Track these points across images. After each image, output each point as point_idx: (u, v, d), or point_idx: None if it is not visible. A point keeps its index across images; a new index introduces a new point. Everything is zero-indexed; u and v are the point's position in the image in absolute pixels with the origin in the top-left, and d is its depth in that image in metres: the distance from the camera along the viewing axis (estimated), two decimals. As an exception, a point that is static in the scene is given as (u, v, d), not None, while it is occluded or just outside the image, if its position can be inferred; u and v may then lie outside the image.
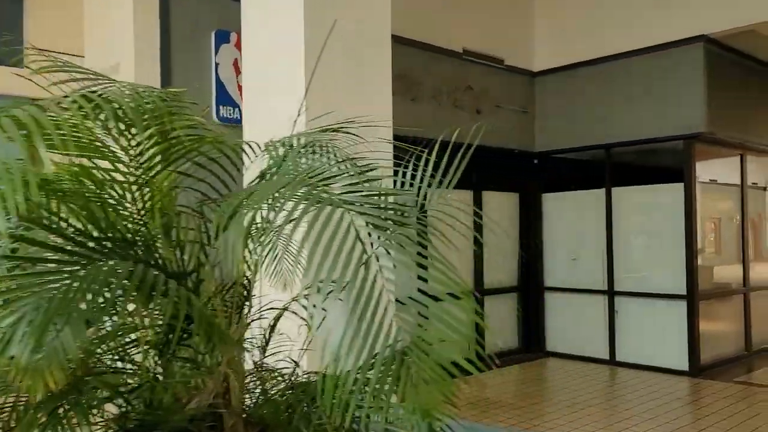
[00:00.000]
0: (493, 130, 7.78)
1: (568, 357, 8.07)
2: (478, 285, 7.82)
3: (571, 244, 8.24)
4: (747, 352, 7.97)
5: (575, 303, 8.16)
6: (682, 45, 6.99)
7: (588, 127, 7.83)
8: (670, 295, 7.24)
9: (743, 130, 7.67)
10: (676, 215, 7.23)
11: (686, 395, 6.23)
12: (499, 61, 7.91)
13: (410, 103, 6.89)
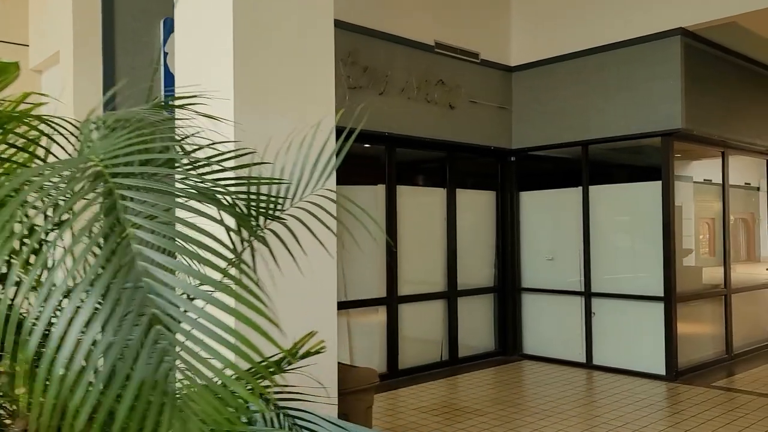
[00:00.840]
0: (468, 126, 7.57)
1: (544, 360, 7.84)
2: (451, 285, 7.58)
3: (548, 243, 8.01)
4: (728, 355, 7.75)
5: (552, 304, 7.94)
6: (659, 38, 6.77)
7: (565, 124, 7.61)
8: (648, 296, 7.01)
9: (724, 127, 7.45)
10: (654, 214, 7.00)
11: (660, 400, 6.00)
12: (474, 55, 7.67)
13: (378, 98, 6.65)
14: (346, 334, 6.67)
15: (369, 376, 3.91)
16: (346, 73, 6.34)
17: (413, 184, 7.44)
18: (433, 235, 7.56)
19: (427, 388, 6.56)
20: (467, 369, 7.47)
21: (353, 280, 6.73)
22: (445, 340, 7.60)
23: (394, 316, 6.97)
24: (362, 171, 7.33)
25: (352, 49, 6.38)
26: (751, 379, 6.89)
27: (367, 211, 1.60)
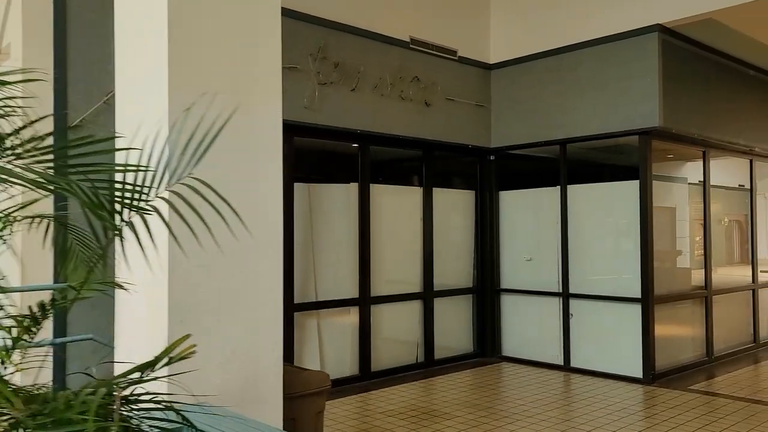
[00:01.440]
0: (444, 124, 7.44)
1: (523, 362, 7.71)
2: (427, 286, 7.45)
3: (527, 243, 7.88)
4: (708, 358, 7.63)
5: (530, 306, 7.81)
6: (636, 35, 6.64)
7: (543, 122, 7.48)
8: (625, 298, 6.88)
9: (704, 126, 7.32)
10: (633, 214, 6.88)
11: (634, 404, 5.87)
12: (452, 52, 7.54)
13: (350, 94, 6.52)
14: (316, 336, 6.53)
15: (319, 380, 3.78)
16: (316, 69, 6.21)
17: (388, 183, 7.31)
18: (409, 235, 7.43)
19: (399, 391, 6.42)
20: (444, 371, 7.33)
21: (324, 281, 6.60)
22: (421, 341, 7.47)
23: (367, 317, 6.83)
24: (334, 169, 7.20)
25: (322, 44, 6.25)
26: (730, 382, 6.76)
27: (226, 200, 1.47)
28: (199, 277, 3.10)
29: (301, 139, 6.35)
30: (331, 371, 6.56)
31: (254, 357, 3.34)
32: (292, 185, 6.22)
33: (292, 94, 6.04)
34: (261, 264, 3.40)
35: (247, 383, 3.31)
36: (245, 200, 3.29)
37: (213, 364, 3.17)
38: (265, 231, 3.43)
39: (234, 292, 3.25)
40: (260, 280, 3.39)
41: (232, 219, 1.66)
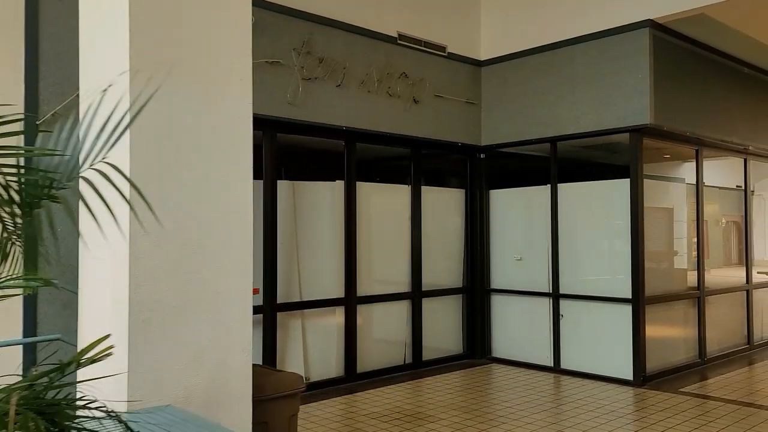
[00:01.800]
0: (433, 122, 7.33)
1: (513, 363, 7.59)
2: (415, 286, 7.33)
3: (518, 243, 7.76)
4: (701, 360, 7.51)
5: (521, 306, 7.69)
6: (627, 31, 6.52)
7: (534, 120, 7.36)
8: (616, 298, 6.76)
9: (697, 124, 7.21)
10: (624, 213, 6.75)
11: (623, 406, 5.75)
12: (440, 48, 7.42)
13: (336, 90, 6.39)
14: (300, 337, 6.41)
15: (293, 382, 3.65)
16: (300, 64, 6.08)
17: (375, 181, 7.18)
18: (397, 234, 7.30)
19: (385, 393, 6.30)
20: (432, 372, 7.21)
21: (309, 280, 6.47)
22: (409, 342, 7.34)
23: (353, 318, 6.71)
24: (320, 166, 7.08)
25: (306, 38, 6.13)
26: (721, 384, 6.65)
27: (139, 190, 1.34)
28: (163, 275, 2.98)
29: (285, 136, 6.23)
30: (315, 372, 6.46)
31: (222, 358, 3.22)
32: (275, 183, 6.09)
33: (274, 89, 5.93)
34: (230, 262, 3.28)
35: (214, 385, 3.19)
36: (210, 195, 3.17)
37: (178, 365, 3.05)
38: (234, 228, 3.31)
39: (200, 291, 3.13)
40: (229, 279, 3.27)
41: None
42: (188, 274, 3.08)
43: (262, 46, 5.82)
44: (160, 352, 2.98)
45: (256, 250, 5.94)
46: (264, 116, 5.86)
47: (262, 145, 6.03)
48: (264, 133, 6.01)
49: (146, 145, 2.94)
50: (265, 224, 6.00)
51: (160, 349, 2.98)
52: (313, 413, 5.57)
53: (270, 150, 6.04)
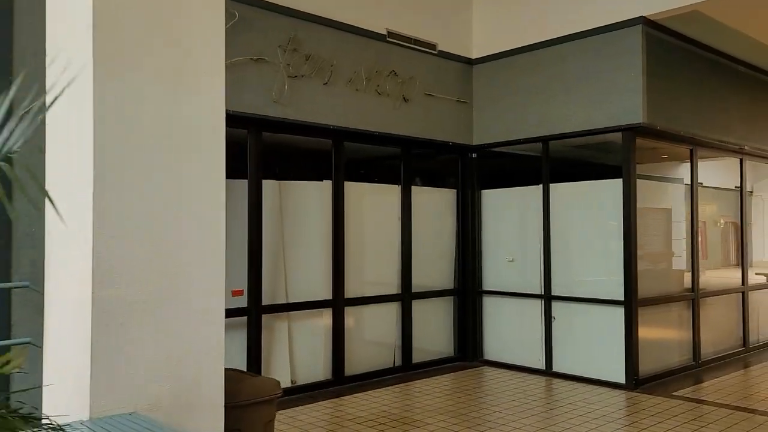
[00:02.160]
0: (424, 121, 7.22)
1: (504, 366, 7.48)
2: (405, 287, 7.21)
3: (510, 244, 7.65)
4: (695, 363, 7.39)
5: (512, 308, 7.57)
6: (620, 28, 6.42)
7: (526, 119, 7.25)
8: (609, 300, 6.65)
9: (691, 123, 7.10)
10: (618, 214, 6.64)
11: (614, 411, 5.63)
12: (431, 46, 7.31)
13: (323, 88, 6.28)
14: (286, 339, 6.29)
15: (269, 387, 3.54)
16: (286, 61, 5.97)
17: (364, 181, 7.07)
18: (387, 235, 7.19)
19: (373, 396, 6.18)
20: (422, 375, 7.09)
21: (295, 282, 6.36)
22: (399, 344, 7.23)
23: (341, 320, 6.59)
24: (307, 166, 6.97)
25: (292, 35, 6.01)
26: (715, 388, 6.53)
27: (45, 191, 1.23)
28: (130, 277, 2.87)
29: (271, 135, 6.12)
30: (302, 376, 6.35)
31: (192, 363, 3.10)
32: (260, 182, 5.98)
33: (260, 86, 5.82)
34: (202, 265, 3.16)
35: (183, 391, 3.07)
36: (180, 194, 3.05)
37: (145, 370, 2.93)
38: (206, 229, 3.20)
39: (170, 294, 3.01)
40: (201, 281, 3.16)
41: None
42: (157, 276, 2.97)
43: (246, 43, 5.72)
44: (126, 356, 2.86)
45: (241, 250, 5.86)
46: (249, 114, 5.76)
47: (247, 144, 5.92)
48: (249, 131, 5.90)
49: (111, 141, 2.82)
50: (250, 224, 5.89)
51: (126, 354, 2.86)
52: (297, 417, 5.45)
53: (255, 149, 5.93)
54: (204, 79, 3.22)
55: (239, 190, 5.89)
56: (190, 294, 3.08)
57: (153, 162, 2.96)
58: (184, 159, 3.09)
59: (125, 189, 2.84)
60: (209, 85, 3.24)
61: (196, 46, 3.17)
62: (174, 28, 3.05)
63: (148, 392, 2.94)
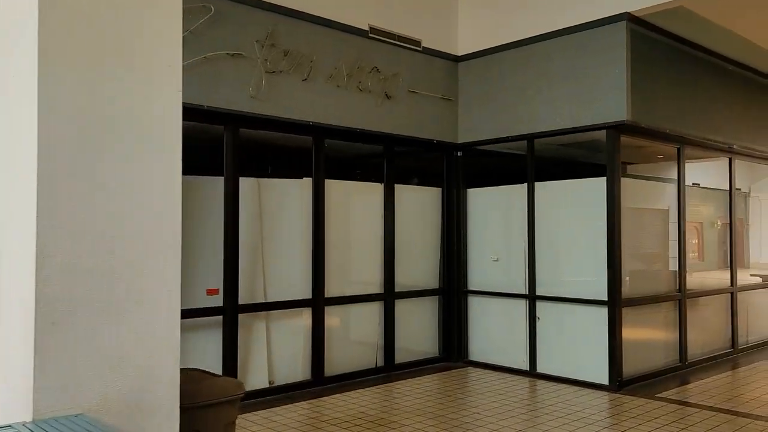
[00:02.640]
0: (407, 118, 7.13)
1: (489, 367, 7.39)
2: (388, 287, 7.12)
3: (495, 243, 7.56)
4: (681, 364, 7.30)
5: (497, 308, 7.48)
6: (604, 24, 6.32)
7: (511, 117, 7.16)
8: (592, 300, 6.55)
9: (678, 121, 7.00)
10: (602, 213, 6.54)
11: (595, 413, 5.53)
12: (415, 43, 7.22)
13: (302, 84, 6.19)
14: (264, 339, 6.19)
15: (230, 388, 3.44)
16: (264, 57, 5.87)
17: (346, 178, 6.97)
18: (369, 234, 7.10)
19: (352, 397, 6.09)
20: (405, 376, 7.00)
21: (274, 281, 6.26)
22: (381, 345, 7.13)
23: (321, 319, 6.50)
24: (287, 163, 6.88)
25: (270, 30, 5.92)
26: (701, 389, 6.44)
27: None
28: (76, 275, 2.77)
29: (250, 132, 6.02)
30: (280, 376, 6.26)
31: (145, 363, 3.00)
32: (237, 179, 5.88)
33: (236, 82, 5.73)
34: (156, 262, 3.06)
35: (135, 392, 2.98)
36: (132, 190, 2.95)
37: (93, 371, 2.84)
38: (161, 226, 3.10)
39: (121, 291, 2.92)
40: (155, 279, 3.06)
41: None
42: (107, 274, 2.87)
43: (222, 38, 5.62)
44: (72, 356, 2.77)
45: (216, 248, 5.76)
46: (225, 110, 5.67)
47: (223, 140, 5.82)
48: (226, 127, 5.81)
49: (57, 135, 2.73)
50: (226, 222, 5.79)
51: (72, 353, 2.77)
52: (271, 418, 5.36)
53: (232, 145, 5.83)
54: (160, 70, 3.12)
55: (215, 188, 5.80)
56: (143, 290, 2.99)
57: (103, 156, 2.87)
58: (138, 155, 2.99)
59: (71, 184, 2.75)
60: (165, 76, 3.14)
61: (152, 36, 3.07)
62: (127, 18, 2.96)
63: (96, 393, 2.85)
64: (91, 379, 2.84)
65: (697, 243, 8.37)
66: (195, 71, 5.45)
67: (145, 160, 3.02)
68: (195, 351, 5.69)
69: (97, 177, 2.83)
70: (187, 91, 5.35)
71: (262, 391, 6.05)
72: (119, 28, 2.93)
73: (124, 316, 2.91)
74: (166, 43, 3.13)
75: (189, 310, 5.60)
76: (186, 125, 5.86)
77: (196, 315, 5.64)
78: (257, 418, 5.37)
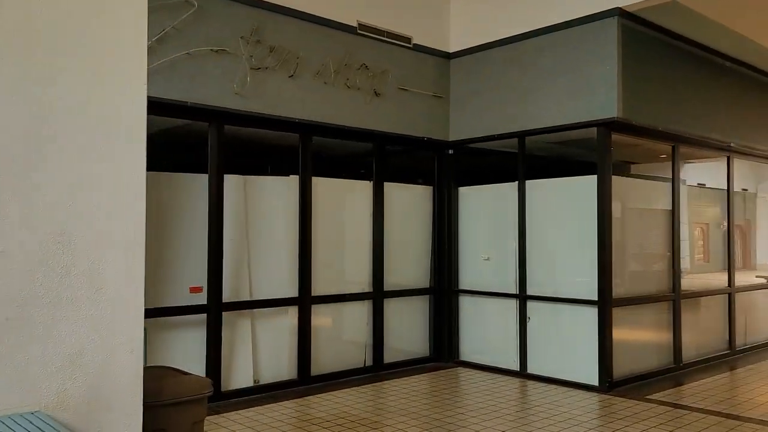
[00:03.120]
0: (397, 116, 7.07)
1: (479, 367, 7.30)
2: (376, 286, 7.05)
3: (486, 242, 7.47)
4: (675, 365, 7.19)
5: (488, 308, 7.40)
6: (595, 20, 6.23)
7: (503, 114, 7.07)
8: (583, 300, 6.46)
9: (672, 119, 6.90)
10: (593, 211, 6.44)
11: (581, 414, 5.44)
12: (405, 40, 7.15)
13: (288, 80, 6.13)
14: (249, 337, 6.14)
15: (196, 386, 3.38)
16: (248, 53, 5.82)
17: (334, 176, 6.90)
18: (357, 232, 7.03)
19: (337, 397, 6.02)
20: (394, 376, 6.93)
21: (260, 279, 6.21)
22: (370, 344, 7.06)
23: (307, 318, 6.43)
24: (274, 160, 6.82)
25: (256, 26, 5.86)
26: (693, 391, 6.33)
27: None
28: (31, 270, 2.72)
29: (236, 129, 5.97)
30: (266, 374, 6.20)
31: (105, 360, 2.95)
32: (222, 177, 5.82)
33: (220, 78, 5.68)
34: (117, 258, 3.00)
35: (94, 389, 2.92)
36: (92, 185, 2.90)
37: (50, 368, 2.79)
38: (122, 222, 3.03)
39: (80, 287, 2.86)
40: (116, 275, 3.00)
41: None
42: (62, 268, 2.82)
43: (206, 34, 5.58)
44: (28, 352, 2.72)
45: (200, 246, 5.71)
46: (209, 107, 5.62)
47: (207, 137, 5.77)
48: (210, 124, 5.76)
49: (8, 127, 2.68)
50: (210, 219, 5.74)
51: (28, 350, 2.72)
52: (253, 417, 5.30)
53: (216, 142, 5.78)
54: (123, 64, 3.06)
55: (199, 185, 5.75)
56: (103, 285, 2.94)
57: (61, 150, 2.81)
58: (99, 148, 2.94)
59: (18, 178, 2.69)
60: (129, 70, 3.07)
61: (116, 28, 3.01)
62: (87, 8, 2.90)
63: (53, 389, 2.80)
64: (48, 375, 2.79)
65: (703, 244, 8.28)
66: (178, 67, 5.41)
67: (104, 154, 2.96)
68: (177, 349, 5.64)
69: (50, 170, 2.77)
70: (170, 88, 5.37)
71: (247, 389, 5.99)
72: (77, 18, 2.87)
73: (81, 312, 2.86)
74: (129, 34, 3.07)
75: (171, 308, 5.57)
76: (170, 122, 5.85)
77: (179, 313, 5.60)
78: (239, 417, 5.32)
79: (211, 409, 5.49)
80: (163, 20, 5.28)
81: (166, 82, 5.33)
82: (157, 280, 5.55)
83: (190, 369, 5.24)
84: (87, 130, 2.90)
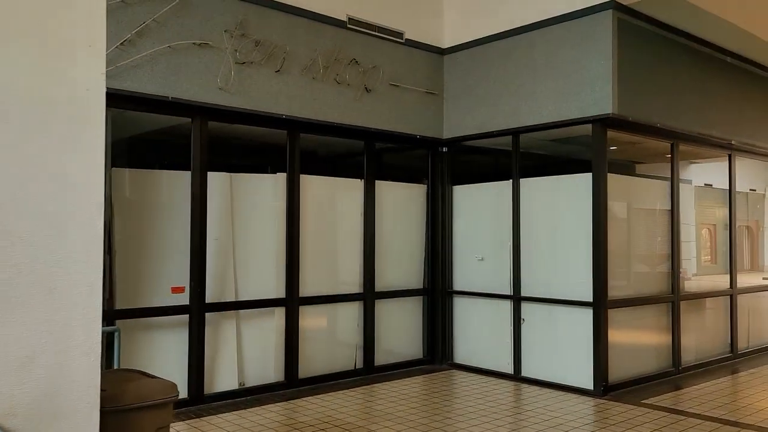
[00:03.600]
0: (388, 112, 6.91)
1: (473, 370, 7.14)
2: (367, 286, 6.89)
3: (480, 242, 7.30)
4: (674, 369, 6.99)
5: (482, 309, 7.22)
6: (589, 13, 6.06)
7: (497, 111, 6.91)
8: (578, 302, 6.28)
9: (670, 115, 6.71)
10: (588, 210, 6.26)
11: (573, 419, 5.26)
12: (397, 35, 6.99)
13: (275, 76, 5.98)
14: (234, 339, 5.99)
15: (161, 390, 3.23)
16: (233, 47, 5.68)
17: (323, 174, 6.75)
18: (348, 231, 6.88)
19: (324, 400, 5.87)
20: (385, 378, 6.77)
21: (245, 279, 6.06)
22: (361, 346, 6.91)
23: (295, 319, 6.28)
24: (261, 157, 6.68)
25: (240, 19, 5.72)
26: (690, 396, 6.14)
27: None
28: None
29: (222, 125, 5.84)
30: (251, 377, 6.06)
31: (59, 363, 2.80)
32: (206, 174, 5.68)
33: (203, 73, 5.54)
34: (72, 257, 2.85)
35: (47, 395, 2.78)
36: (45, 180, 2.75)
37: None
38: (78, 219, 2.88)
39: (31, 287, 2.72)
40: (71, 275, 2.85)
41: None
42: (13, 268, 2.68)
43: (188, 27, 5.44)
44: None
45: (183, 245, 5.57)
46: (191, 102, 5.48)
47: (190, 134, 5.64)
48: (193, 120, 5.62)
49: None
50: (193, 218, 5.60)
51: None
52: (235, 422, 5.16)
53: (199, 138, 5.64)
54: (79, 53, 2.91)
55: (182, 182, 5.61)
56: (54, 284, 2.79)
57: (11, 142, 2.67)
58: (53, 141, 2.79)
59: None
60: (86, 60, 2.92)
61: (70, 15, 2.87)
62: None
63: (4, 396, 2.66)
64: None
65: (711, 246, 8.09)
66: (159, 61, 5.27)
67: (60, 147, 2.81)
68: (158, 351, 5.50)
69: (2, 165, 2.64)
70: (151, 82, 5.22)
71: (231, 393, 5.84)
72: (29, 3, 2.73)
73: (30, 312, 2.71)
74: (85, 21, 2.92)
75: (152, 308, 5.44)
76: (150, 117, 5.70)
77: (160, 313, 5.46)
78: (221, 421, 5.17)
79: (193, 413, 5.36)
80: (144, 12, 5.14)
81: (146, 76, 5.19)
82: (138, 280, 5.42)
83: (171, 372, 5.13)
84: (40, 123, 2.75)
